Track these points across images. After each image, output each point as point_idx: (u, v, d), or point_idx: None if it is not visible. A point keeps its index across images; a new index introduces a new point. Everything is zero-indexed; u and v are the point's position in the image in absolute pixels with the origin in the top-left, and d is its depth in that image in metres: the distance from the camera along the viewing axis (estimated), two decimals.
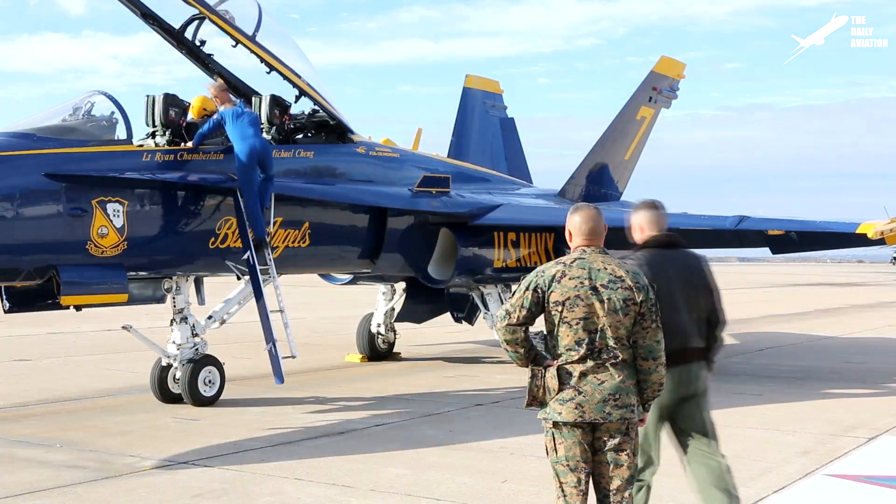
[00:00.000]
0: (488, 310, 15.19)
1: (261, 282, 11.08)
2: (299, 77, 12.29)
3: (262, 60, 11.93)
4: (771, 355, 18.28)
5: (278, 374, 10.83)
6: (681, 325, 5.56)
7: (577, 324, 4.69)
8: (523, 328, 4.74)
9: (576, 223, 4.91)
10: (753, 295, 48.03)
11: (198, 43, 11.97)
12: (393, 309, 16.89)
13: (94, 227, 10.06)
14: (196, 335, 11.58)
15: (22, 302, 10.69)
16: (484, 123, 19.55)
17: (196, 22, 11.86)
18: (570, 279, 4.72)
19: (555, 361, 4.75)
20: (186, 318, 11.55)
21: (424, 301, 16.16)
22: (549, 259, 15.71)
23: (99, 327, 21.47)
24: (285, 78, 12.17)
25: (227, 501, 7.00)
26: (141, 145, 11.01)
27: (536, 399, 4.76)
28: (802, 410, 11.43)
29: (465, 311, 16.25)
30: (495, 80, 20.37)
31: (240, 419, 10.51)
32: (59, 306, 10.31)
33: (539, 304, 4.74)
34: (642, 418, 4.86)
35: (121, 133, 10.69)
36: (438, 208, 14.08)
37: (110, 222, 10.19)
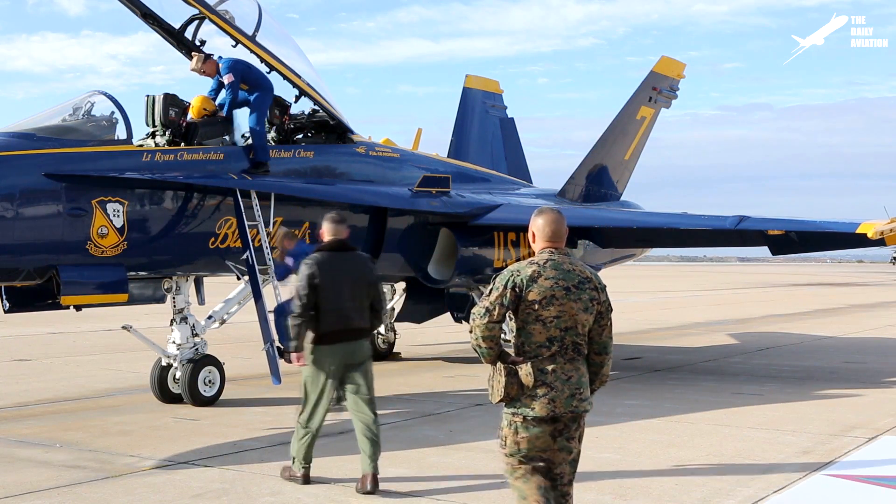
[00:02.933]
0: None
1: (260, 282, 11.08)
2: (299, 77, 12.28)
3: (262, 60, 11.93)
4: (771, 355, 18.27)
5: (276, 375, 10.82)
6: (346, 310, 7.33)
7: (552, 322, 4.94)
8: (499, 326, 4.97)
9: (539, 226, 5.15)
10: (753, 295, 48.04)
11: (198, 43, 11.98)
12: (393, 309, 16.89)
13: (94, 227, 10.06)
14: (196, 335, 11.57)
15: (22, 302, 10.70)
16: (484, 123, 19.54)
17: (196, 22, 11.87)
18: (546, 279, 4.97)
19: (521, 358, 4.99)
20: (186, 318, 11.55)
21: (424, 301, 16.15)
22: None
23: (99, 327, 21.48)
24: (285, 78, 12.17)
25: (227, 501, 7.00)
26: (141, 145, 11.00)
27: (509, 396, 4.98)
28: (802, 410, 11.43)
29: (465, 311, 16.20)
30: (495, 80, 20.37)
31: (240, 419, 10.51)
32: (59, 306, 10.32)
33: (515, 303, 4.96)
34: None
35: (121, 133, 10.68)
36: (438, 208, 14.06)
37: (110, 222, 10.19)
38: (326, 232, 7.64)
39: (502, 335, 5.15)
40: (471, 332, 5.04)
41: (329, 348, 7.34)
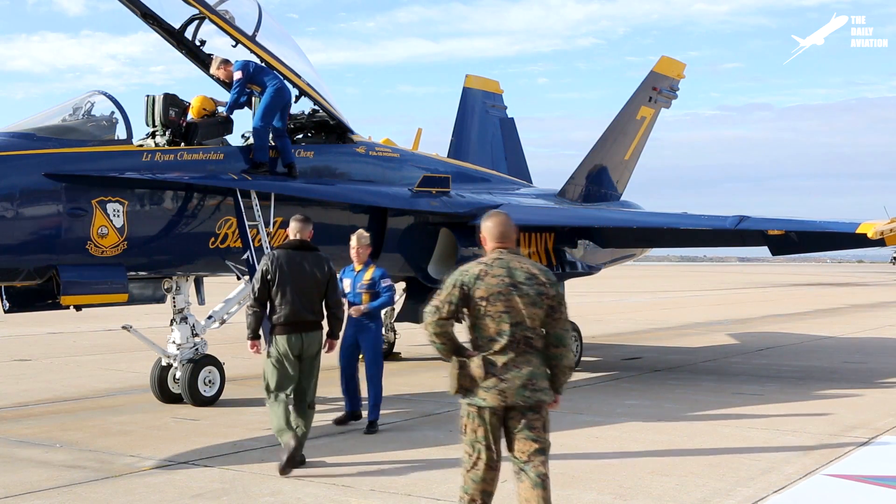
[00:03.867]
0: None
1: None
2: (299, 77, 12.28)
3: (262, 60, 11.93)
4: (771, 355, 18.27)
5: None
6: (296, 304, 8.06)
7: (500, 316, 5.20)
8: (450, 322, 5.24)
9: (488, 228, 5.46)
10: (753, 295, 48.05)
11: (198, 43, 11.98)
12: (393, 309, 16.87)
13: (94, 227, 10.05)
14: (196, 335, 11.57)
15: (22, 302, 10.68)
16: (484, 123, 19.53)
17: (196, 22, 11.87)
18: (492, 277, 5.26)
19: (476, 352, 5.24)
20: (186, 318, 11.54)
21: (424, 301, 16.05)
22: (549, 259, 15.72)
23: (99, 327, 21.48)
24: (285, 78, 12.16)
25: (227, 501, 7.00)
26: (141, 145, 11.00)
27: (463, 388, 5.24)
28: (802, 410, 11.43)
29: None
30: (495, 80, 20.36)
31: (240, 419, 10.51)
32: (59, 306, 10.30)
33: (464, 300, 5.25)
34: (555, 400, 5.34)
35: (121, 133, 10.67)
36: (438, 208, 14.06)
37: (110, 222, 10.19)
38: (291, 231, 8.43)
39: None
40: (425, 329, 5.30)
41: (284, 338, 8.10)
